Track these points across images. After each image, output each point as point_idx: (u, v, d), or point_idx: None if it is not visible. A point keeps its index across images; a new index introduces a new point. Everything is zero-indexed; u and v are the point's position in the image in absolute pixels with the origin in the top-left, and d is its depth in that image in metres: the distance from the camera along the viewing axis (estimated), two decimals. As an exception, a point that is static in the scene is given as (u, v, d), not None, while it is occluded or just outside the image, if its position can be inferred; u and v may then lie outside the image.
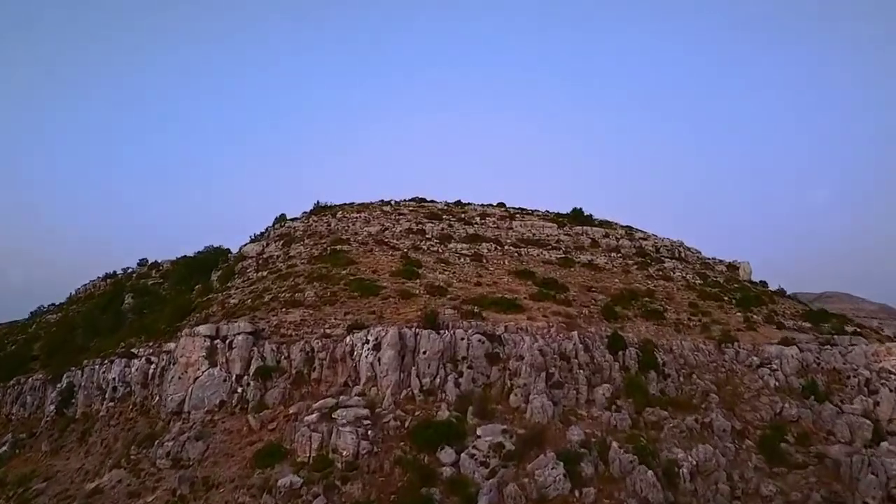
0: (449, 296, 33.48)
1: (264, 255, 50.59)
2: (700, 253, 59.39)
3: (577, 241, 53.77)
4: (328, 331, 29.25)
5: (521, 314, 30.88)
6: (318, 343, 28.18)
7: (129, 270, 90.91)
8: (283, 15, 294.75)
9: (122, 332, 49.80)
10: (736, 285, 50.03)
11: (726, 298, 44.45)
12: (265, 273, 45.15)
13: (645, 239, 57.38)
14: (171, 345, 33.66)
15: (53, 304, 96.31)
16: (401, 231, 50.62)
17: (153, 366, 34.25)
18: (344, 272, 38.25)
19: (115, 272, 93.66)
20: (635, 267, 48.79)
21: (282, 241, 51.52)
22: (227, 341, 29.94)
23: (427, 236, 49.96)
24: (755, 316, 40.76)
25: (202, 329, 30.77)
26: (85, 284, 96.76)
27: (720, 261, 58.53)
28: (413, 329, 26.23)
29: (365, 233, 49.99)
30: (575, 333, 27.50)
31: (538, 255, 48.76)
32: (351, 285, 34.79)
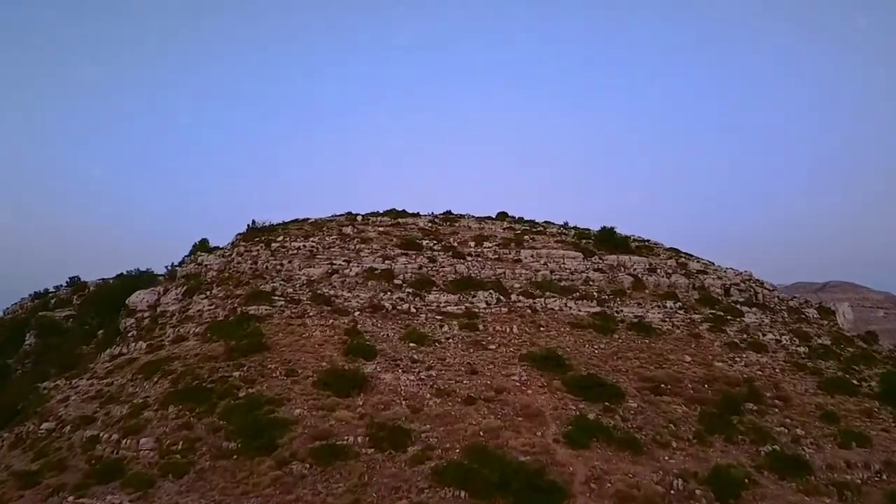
0: (413, 450, 17.35)
1: (157, 311, 34.46)
2: (775, 289, 43.34)
3: (613, 281, 37.58)
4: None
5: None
6: None
7: (61, 289, 72.84)
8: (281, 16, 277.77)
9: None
10: (850, 350, 34.07)
11: (854, 382, 28.72)
12: (143, 347, 29.40)
13: (703, 272, 41.18)
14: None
15: (-18, 328, 79.30)
16: (358, 274, 34.30)
17: None
18: (238, 373, 22.12)
19: (46, 290, 75.54)
20: (706, 326, 32.68)
21: (185, 288, 35.29)
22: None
23: (396, 281, 33.69)
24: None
25: None
26: (15, 303, 79.44)
27: (806, 301, 42.57)
28: None
29: (302, 278, 33.66)
30: None
31: (562, 310, 32.62)
32: (232, 419, 18.62)
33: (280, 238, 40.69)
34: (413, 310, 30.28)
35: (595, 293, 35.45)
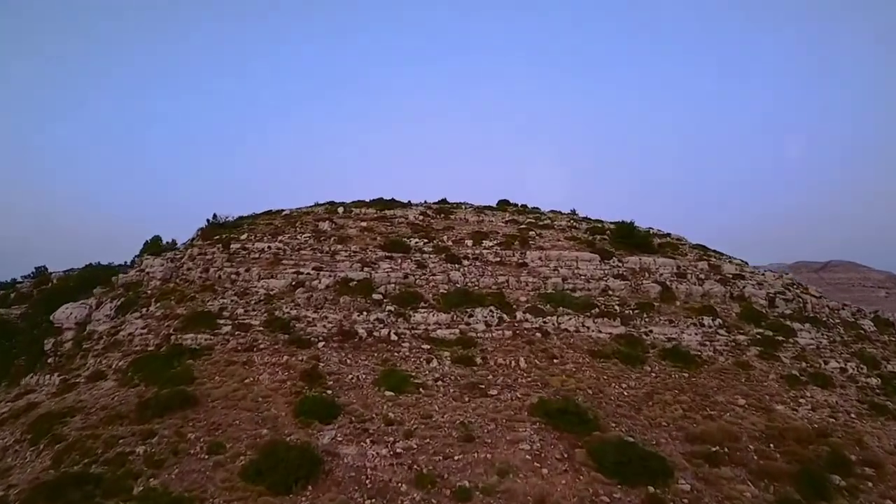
0: None
1: (86, 330, 28.40)
2: (824, 297, 37.27)
3: (637, 290, 31.46)
4: None
5: None
6: None
7: (27, 278, 66.15)
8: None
9: None
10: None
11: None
12: (56, 382, 23.50)
13: (740, 276, 35.03)
14: None
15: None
16: (329, 286, 28.13)
17: None
18: (143, 448, 16.08)
19: (13, 281, 69.03)
20: (755, 351, 26.69)
21: (121, 302, 29.17)
22: None
23: (375, 296, 27.55)
24: None
25: None
26: (-17, 293, 72.95)
27: (859, 310, 36.47)
28: None
29: (261, 292, 27.50)
30: None
31: (578, 331, 26.57)
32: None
33: (243, 237, 34.44)
34: (394, 336, 24.17)
35: (617, 307, 29.37)
